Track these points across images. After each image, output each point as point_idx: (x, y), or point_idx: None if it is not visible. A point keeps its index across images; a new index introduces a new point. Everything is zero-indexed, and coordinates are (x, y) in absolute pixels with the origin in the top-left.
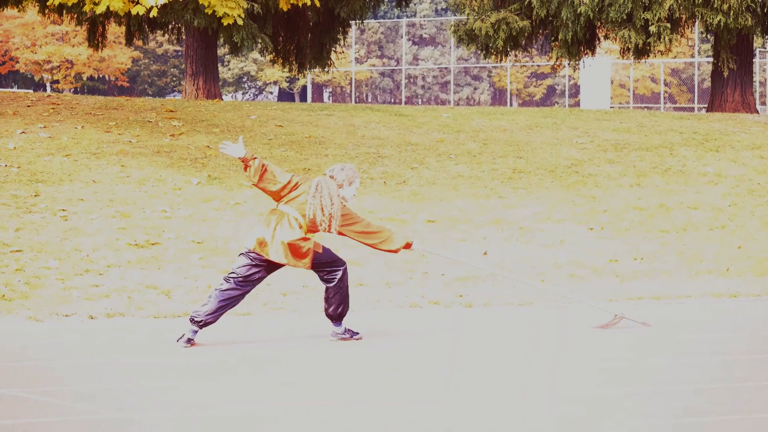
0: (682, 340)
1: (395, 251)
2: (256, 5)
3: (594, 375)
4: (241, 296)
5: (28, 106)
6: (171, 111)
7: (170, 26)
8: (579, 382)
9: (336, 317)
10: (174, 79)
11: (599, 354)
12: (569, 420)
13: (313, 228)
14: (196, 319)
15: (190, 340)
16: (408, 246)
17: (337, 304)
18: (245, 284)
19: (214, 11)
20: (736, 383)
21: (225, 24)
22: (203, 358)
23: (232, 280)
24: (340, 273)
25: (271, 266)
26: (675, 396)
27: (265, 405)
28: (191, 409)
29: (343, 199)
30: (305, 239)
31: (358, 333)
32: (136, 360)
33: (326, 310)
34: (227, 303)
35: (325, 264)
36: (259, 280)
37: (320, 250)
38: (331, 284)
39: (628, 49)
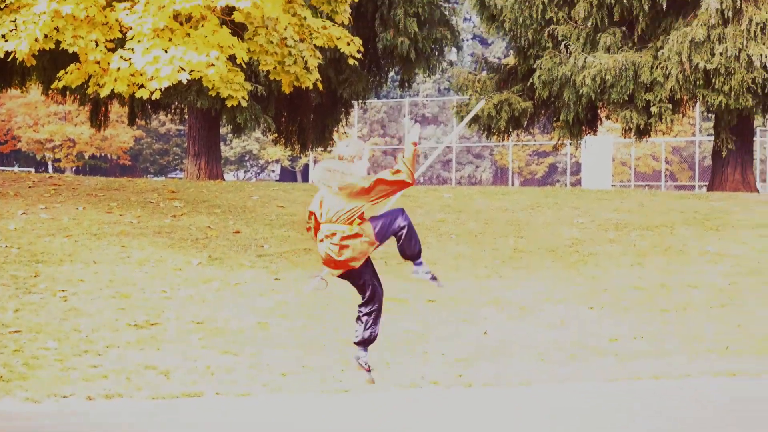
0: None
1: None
2: (259, 87)
3: None
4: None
5: (30, 187)
6: (173, 192)
7: (173, 107)
8: None
9: (415, 255)
10: (176, 157)
11: None
12: None
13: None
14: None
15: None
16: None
17: (412, 245)
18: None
19: (218, 93)
20: None
21: (229, 105)
22: None
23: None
24: (401, 220)
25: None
26: None
27: None
28: None
29: (352, 179)
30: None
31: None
32: None
33: (403, 252)
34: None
35: (386, 222)
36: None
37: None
38: (402, 232)
39: (630, 129)
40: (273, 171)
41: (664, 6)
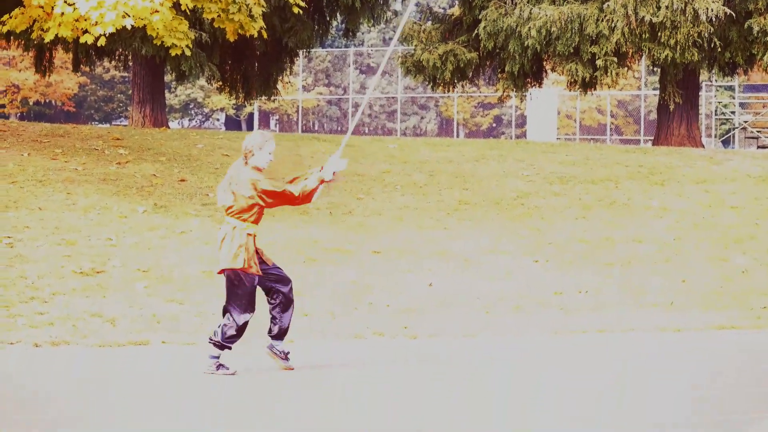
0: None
1: (311, 194)
2: (204, 34)
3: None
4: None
5: None
6: (118, 139)
7: (117, 53)
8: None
9: (280, 335)
10: (121, 104)
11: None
12: None
13: (237, 214)
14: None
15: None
16: (323, 182)
17: (282, 324)
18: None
19: (162, 41)
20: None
21: (173, 54)
22: (155, 387)
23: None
24: (286, 290)
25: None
26: None
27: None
28: None
29: (256, 169)
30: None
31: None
32: (74, 391)
33: (271, 329)
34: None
35: (272, 274)
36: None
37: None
38: (276, 301)
39: (575, 82)
40: (218, 119)
41: None
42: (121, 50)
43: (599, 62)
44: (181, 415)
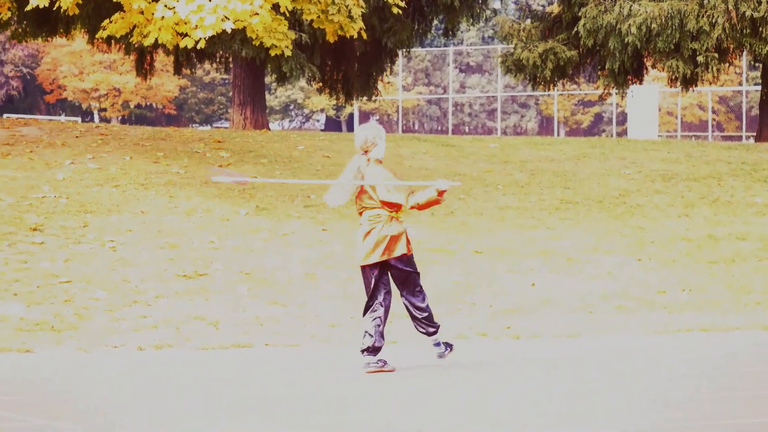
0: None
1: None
2: (304, 35)
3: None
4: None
5: (77, 137)
6: (219, 141)
7: (218, 56)
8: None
9: (433, 332)
10: (221, 107)
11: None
12: None
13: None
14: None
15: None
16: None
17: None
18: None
19: (261, 42)
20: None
21: (273, 55)
22: (246, 394)
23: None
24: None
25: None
26: None
27: None
28: None
29: (378, 161)
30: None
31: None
32: (177, 395)
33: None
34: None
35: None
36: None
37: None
38: (412, 297)
39: (676, 79)
40: (318, 120)
41: None
42: (221, 52)
43: (700, 58)
44: (282, 417)
